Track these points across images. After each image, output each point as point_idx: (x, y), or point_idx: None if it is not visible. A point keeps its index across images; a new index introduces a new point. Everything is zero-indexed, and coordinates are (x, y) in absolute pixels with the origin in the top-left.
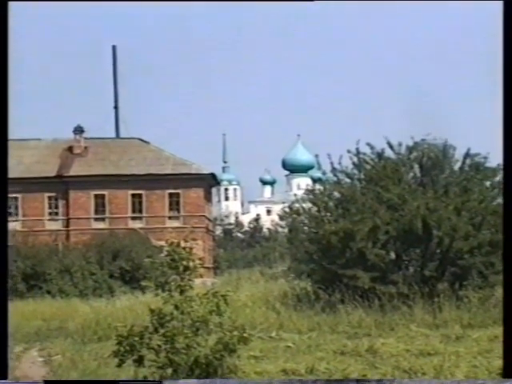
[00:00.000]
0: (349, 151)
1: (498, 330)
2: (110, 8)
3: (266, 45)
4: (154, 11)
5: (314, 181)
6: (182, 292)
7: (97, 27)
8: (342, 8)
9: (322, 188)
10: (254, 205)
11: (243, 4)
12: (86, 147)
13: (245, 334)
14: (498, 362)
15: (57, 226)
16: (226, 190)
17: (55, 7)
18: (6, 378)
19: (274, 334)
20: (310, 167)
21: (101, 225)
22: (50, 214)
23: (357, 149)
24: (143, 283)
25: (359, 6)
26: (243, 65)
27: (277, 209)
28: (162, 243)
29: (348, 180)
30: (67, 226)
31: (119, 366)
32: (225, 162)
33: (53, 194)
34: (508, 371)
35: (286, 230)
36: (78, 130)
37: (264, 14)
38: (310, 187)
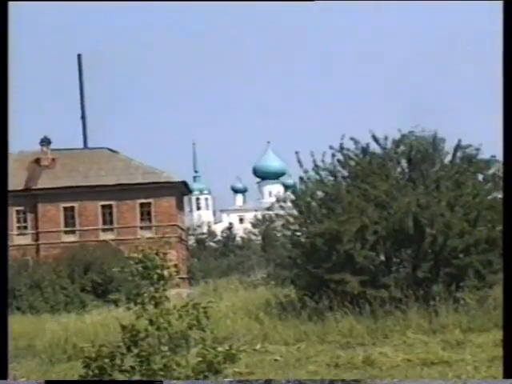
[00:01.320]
0: (331, 147)
1: (501, 334)
2: (81, 14)
3: (233, 49)
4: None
5: (286, 187)
6: (156, 304)
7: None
8: (332, 5)
9: (303, 187)
10: (226, 213)
11: (203, 12)
12: (53, 159)
13: (232, 351)
14: None
15: (26, 240)
16: (198, 199)
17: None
18: (5, 378)
19: (258, 347)
20: (281, 174)
21: (71, 238)
22: (19, 228)
23: (340, 144)
24: (112, 296)
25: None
26: (210, 73)
27: (249, 217)
28: (135, 255)
29: (332, 178)
30: (37, 240)
31: None
32: (195, 172)
33: (21, 208)
34: (508, 371)
35: (259, 238)
36: (45, 142)
37: (234, 16)
38: (280, 194)
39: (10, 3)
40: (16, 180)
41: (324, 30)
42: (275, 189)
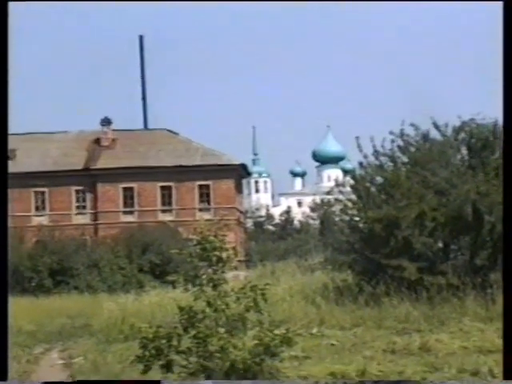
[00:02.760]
0: (391, 133)
1: None
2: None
3: (291, 38)
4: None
5: (345, 172)
6: (214, 286)
7: (125, 19)
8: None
9: (363, 172)
10: (284, 197)
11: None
12: (113, 139)
13: (288, 335)
14: None
15: (84, 219)
16: (257, 182)
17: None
18: (5, 379)
19: (315, 331)
20: (341, 158)
21: (129, 218)
22: (78, 207)
23: (401, 130)
24: (170, 278)
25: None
26: (270, 57)
27: (308, 201)
28: (194, 237)
29: (391, 164)
30: (95, 219)
31: (145, 372)
32: (255, 155)
33: (80, 188)
34: (508, 372)
35: (317, 222)
36: (106, 122)
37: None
38: (339, 178)
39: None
40: (75, 160)
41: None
42: (334, 173)
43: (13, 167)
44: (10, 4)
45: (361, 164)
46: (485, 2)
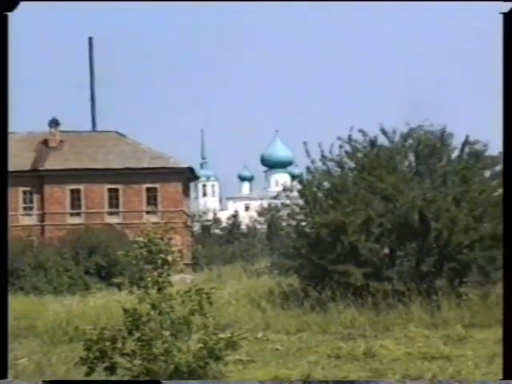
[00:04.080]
0: (339, 138)
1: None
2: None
3: (247, 39)
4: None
5: (293, 177)
6: (159, 289)
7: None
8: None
9: (310, 177)
10: (232, 201)
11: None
12: (61, 140)
13: (233, 338)
14: None
15: (31, 220)
16: (204, 186)
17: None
18: (5, 377)
19: (260, 335)
20: (289, 163)
21: (77, 220)
22: (25, 208)
23: (349, 136)
24: (116, 280)
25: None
26: (221, 59)
27: (255, 205)
28: (140, 239)
29: (339, 169)
30: (42, 220)
31: (88, 374)
32: (203, 158)
33: (27, 189)
34: (508, 372)
35: (264, 227)
36: (54, 123)
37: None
38: (287, 183)
39: None
40: (23, 160)
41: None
42: (282, 178)
43: None
44: None
45: (308, 169)
46: (485, 2)
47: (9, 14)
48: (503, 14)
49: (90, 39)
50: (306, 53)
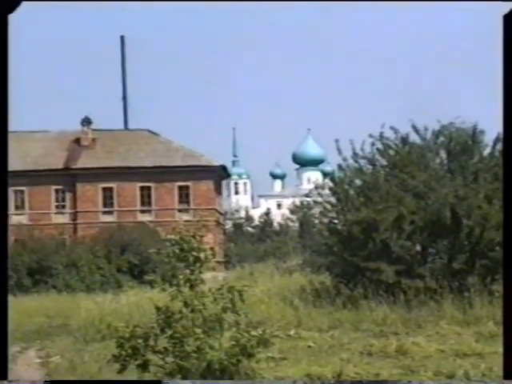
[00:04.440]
0: (371, 136)
1: None
2: None
3: (277, 39)
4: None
5: (325, 175)
6: (191, 287)
7: (104, 18)
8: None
9: (342, 175)
10: (264, 199)
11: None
12: (93, 139)
13: (265, 336)
14: None
15: (64, 219)
16: (236, 183)
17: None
18: (5, 378)
19: (292, 333)
20: (321, 161)
21: (109, 218)
22: (57, 207)
23: (380, 133)
24: (147, 277)
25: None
26: (253, 58)
27: (287, 203)
28: (172, 237)
29: (370, 166)
30: (74, 219)
31: (120, 371)
32: (235, 156)
33: (60, 187)
34: (508, 372)
35: (296, 224)
36: (86, 122)
37: (273, 13)
38: (319, 181)
39: None
40: (56, 159)
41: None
42: (314, 176)
43: None
44: None
45: (340, 167)
46: (484, 2)
47: (13, 14)
48: (503, 15)
49: (122, 38)
50: (338, 51)
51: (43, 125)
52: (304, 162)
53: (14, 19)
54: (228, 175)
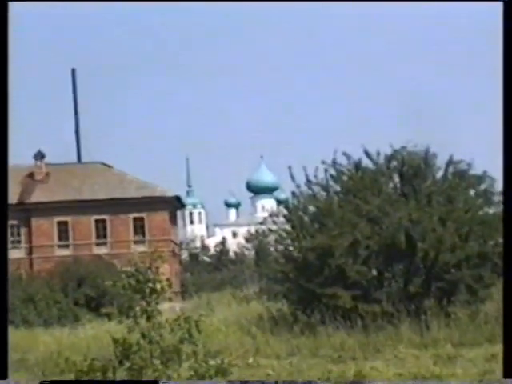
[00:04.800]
0: (324, 162)
1: (493, 349)
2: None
3: (224, 63)
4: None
5: (279, 202)
6: (148, 318)
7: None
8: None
9: (295, 202)
10: (219, 228)
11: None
12: (47, 173)
13: (224, 365)
14: None
15: (19, 254)
16: (191, 213)
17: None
18: (6, 377)
19: (251, 361)
20: (274, 189)
21: (65, 252)
22: (12, 242)
23: (333, 159)
24: (104, 310)
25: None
26: (205, 85)
27: (242, 231)
28: (128, 269)
29: (324, 193)
30: (30, 253)
31: None
32: (189, 186)
33: (14, 222)
34: (508, 371)
35: (252, 252)
36: (39, 156)
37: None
38: (273, 208)
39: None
40: (9, 194)
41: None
42: (268, 203)
43: None
44: None
45: (293, 194)
46: (485, 3)
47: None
48: (503, 1)
49: (73, 71)
50: (290, 78)
51: None
52: (258, 190)
53: None
54: (182, 205)
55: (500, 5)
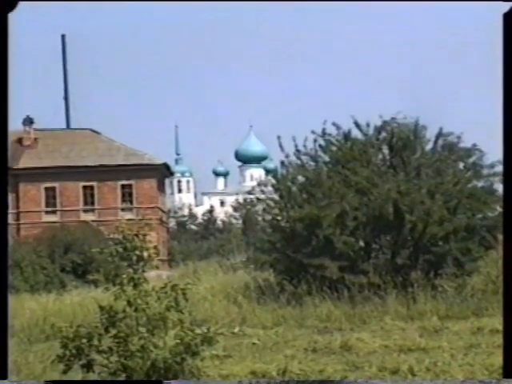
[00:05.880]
0: (313, 132)
1: (479, 322)
2: None
3: (220, 33)
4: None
5: (268, 172)
6: (135, 286)
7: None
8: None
9: (284, 172)
10: (207, 197)
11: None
12: (35, 139)
13: (210, 334)
14: (493, 359)
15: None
16: (179, 182)
17: None
18: (6, 377)
19: (236, 330)
20: (263, 158)
21: (52, 218)
22: None
23: (322, 129)
24: (91, 277)
25: None
26: (194, 55)
27: (230, 200)
28: (115, 236)
29: (313, 163)
30: (17, 219)
31: (65, 372)
32: (177, 154)
33: None
34: (508, 371)
35: (240, 222)
36: (28, 121)
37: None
38: (262, 178)
39: None
40: None
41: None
42: (257, 173)
43: None
44: None
45: (282, 163)
46: (484, 2)
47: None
48: (503, 14)
49: (63, 37)
50: (281, 47)
51: None
52: (246, 159)
53: None
54: (171, 173)
55: (500, 5)
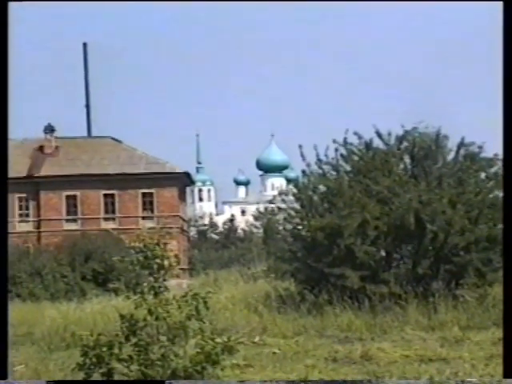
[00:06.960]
0: (335, 141)
1: (500, 332)
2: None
3: (241, 43)
4: (130, 9)
5: (289, 181)
6: (156, 294)
7: (69, 24)
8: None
9: (305, 181)
10: (228, 205)
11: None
12: (56, 147)
13: (230, 343)
14: None
15: (27, 227)
16: (200, 190)
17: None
18: (5, 377)
19: (257, 339)
20: (284, 167)
21: (73, 226)
22: (21, 215)
23: (344, 139)
24: (111, 285)
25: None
26: (217, 64)
27: (251, 209)
28: (136, 244)
29: (334, 172)
30: (38, 227)
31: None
32: (199, 163)
33: (23, 195)
34: (508, 371)
35: (261, 231)
36: (49, 130)
37: (238, 14)
38: (283, 187)
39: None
40: (19, 167)
41: (332, 22)
42: (278, 182)
43: None
44: None
45: (304, 172)
46: (484, 3)
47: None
48: (503, 13)
49: (85, 45)
50: (302, 56)
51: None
52: (268, 169)
53: None
54: (192, 182)
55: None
